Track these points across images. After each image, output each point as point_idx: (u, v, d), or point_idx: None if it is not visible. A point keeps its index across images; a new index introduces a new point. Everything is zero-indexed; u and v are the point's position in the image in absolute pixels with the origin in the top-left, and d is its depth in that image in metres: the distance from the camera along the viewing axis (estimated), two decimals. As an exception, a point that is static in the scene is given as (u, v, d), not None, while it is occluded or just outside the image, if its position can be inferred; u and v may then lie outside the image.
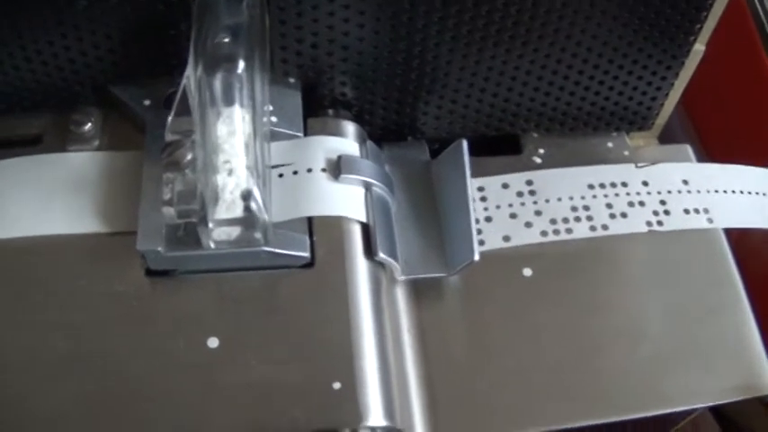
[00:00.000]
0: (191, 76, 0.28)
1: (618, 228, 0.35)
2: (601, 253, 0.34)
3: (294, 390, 0.28)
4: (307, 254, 0.30)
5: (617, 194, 0.35)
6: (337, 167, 0.31)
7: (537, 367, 0.32)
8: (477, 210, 0.34)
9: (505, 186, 0.35)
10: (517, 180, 0.35)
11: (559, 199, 0.35)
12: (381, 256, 0.30)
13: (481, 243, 0.34)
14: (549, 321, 0.33)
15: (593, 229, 0.35)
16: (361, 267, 0.30)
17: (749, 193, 0.38)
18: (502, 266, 0.33)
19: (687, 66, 0.35)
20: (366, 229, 0.31)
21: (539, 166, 0.36)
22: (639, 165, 0.36)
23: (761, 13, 0.45)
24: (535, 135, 0.37)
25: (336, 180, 0.31)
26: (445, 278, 0.32)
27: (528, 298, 0.33)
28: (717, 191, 0.37)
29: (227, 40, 0.28)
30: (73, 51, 0.32)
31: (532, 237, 0.34)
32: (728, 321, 0.34)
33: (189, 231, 0.29)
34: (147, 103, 0.33)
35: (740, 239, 0.37)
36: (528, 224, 0.34)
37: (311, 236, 0.30)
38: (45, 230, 0.31)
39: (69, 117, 0.33)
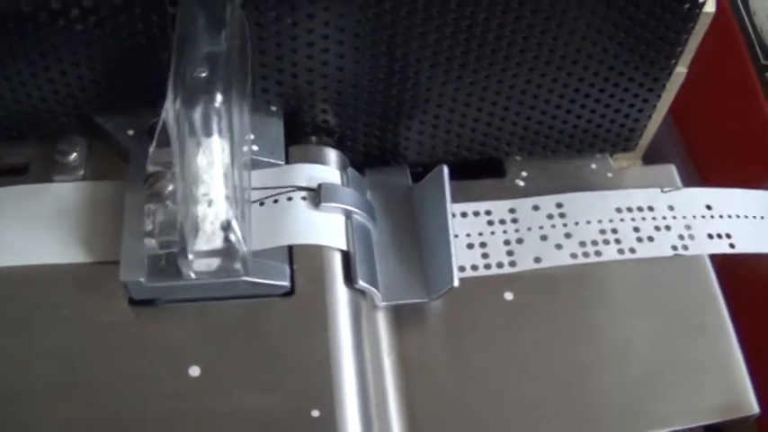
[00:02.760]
0: (169, 108, 0.29)
1: (645, 251, 0.35)
2: (582, 277, 0.34)
3: (273, 418, 0.28)
4: (286, 283, 0.30)
5: (644, 218, 0.36)
6: (318, 196, 0.31)
7: (521, 391, 0.32)
8: (508, 231, 0.35)
9: (536, 208, 0.36)
10: (547, 202, 0.36)
11: (588, 222, 0.36)
12: (361, 283, 0.31)
13: (512, 264, 0.34)
14: (532, 345, 0.33)
15: (621, 252, 0.35)
16: (341, 295, 0.31)
17: None
18: (483, 291, 0.33)
19: (669, 88, 0.36)
20: (346, 256, 0.31)
21: (522, 190, 0.36)
22: (665, 189, 0.37)
23: (749, 28, 0.45)
24: (518, 158, 0.37)
25: (317, 208, 0.31)
26: (426, 303, 0.33)
27: (510, 322, 0.33)
28: (738, 216, 0.37)
29: (204, 73, 0.28)
30: (57, 83, 0.33)
31: (563, 259, 0.35)
32: (713, 344, 0.34)
33: (170, 262, 0.30)
34: (130, 132, 0.33)
35: (724, 264, 0.37)
36: (558, 246, 0.35)
37: (291, 264, 0.31)
38: (30, 260, 0.31)
39: (55, 146, 0.34)
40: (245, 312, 0.30)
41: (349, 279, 0.31)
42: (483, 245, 0.35)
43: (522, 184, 0.36)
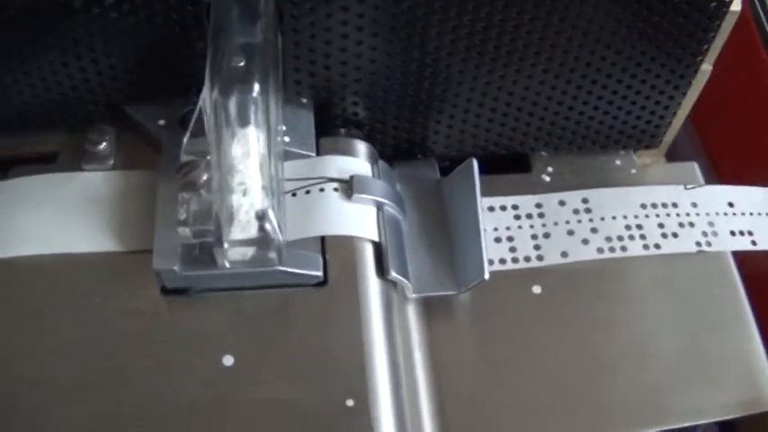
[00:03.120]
0: (206, 98, 0.29)
1: (669, 247, 0.36)
2: (608, 272, 0.35)
3: (308, 407, 0.28)
4: (320, 273, 0.30)
5: (668, 215, 0.36)
6: (350, 187, 0.31)
7: (546, 384, 0.32)
8: (535, 226, 0.35)
9: (562, 204, 0.36)
10: (573, 198, 0.36)
11: (614, 217, 0.36)
12: (393, 275, 0.31)
13: (539, 259, 0.35)
14: (559, 339, 0.33)
15: (646, 247, 0.36)
16: (372, 286, 0.31)
17: None
18: (512, 284, 0.34)
19: (694, 85, 0.36)
20: (378, 247, 0.31)
21: (548, 185, 0.36)
22: (688, 186, 0.38)
23: (765, 25, 0.45)
24: (544, 153, 0.37)
25: (349, 200, 0.31)
26: (456, 296, 0.33)
27: (537, 316, 0.33)
28: (760, 213, 0.38)
29: (242, 62, 0.29)
30: (89, 72, 0.33)
31: (589, 253, 0.35)
32: (734, 338, 0.35)
33: (204, 251, 0.30)
34: (161, 122, 0.33)
35: (745, 260, 0.37)
36: (585, 241, 0.35)
37: (324, 255, 0.31)
38: (62, 248, 0.31)
39: (85, 135, 0.34)
40: (279, 302, 0.30)
41: (381, 270, 0.31)
42: (510, 239, 0.35)
43: (547, 179, 0.37)
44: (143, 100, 0.34)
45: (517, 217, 0.36)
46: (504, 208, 0.36)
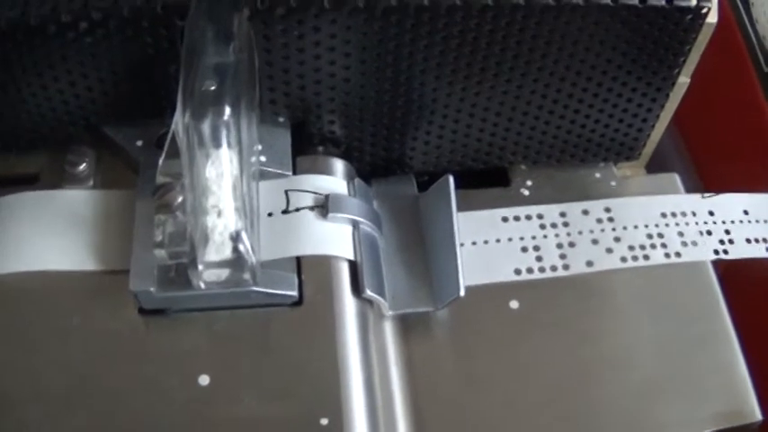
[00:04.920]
0: (179, 121, 0.29)
1: (690, 255, 0.36)
2: (586, 286, 0.35)
3: (282, 426, 0.29)
4: (295, 293, 0.30)
5: (687, 223, 0.37)
6: (325, 206, 0.32)
7: (526, 400, 0.32)
8: (560, 235, 0.36)
9: (585, 213, 0.36)
10: (596, 207, 0.37)
11: (636, 226, 0.36)
12: (368, 293, 0.31)
13: (566, 268, 0.35)
14: (538, 353, 0.33)
15: (667, 256, 0.36)
16: (348, 305, 0.31)
17: None
18: (489, 300, 0.34)
19: (672, 98, 0.36)
20: (354, 266, 0.32)
21: (527, 199, 0.36)
22: (705, 195, 0.38)
23: (752, 37, 0.45)
24: (523, 167, 0.37)
25: (324, 219, 0.32)
26: (433, 312, 0.33)
27: (516, 330, 0.33)
28: None
29: (213, 86, 0.29)
30: (66, 94, 0.33)
31: (613, 263, 0.35)
32: (715, 350, 0.35)
33: (180, 272, 0.30)
34: (139, 143, 0.33)
35: (726, 270, 0.37)
36: (609, 250, 0.36)
37: (299, 274, 0.31)
38: (41, 266, 0.32)
39: (65, 157, 0.34)
40: (254, 322, 0.30)
41: (356, 289, 0.31)
42: (536, 248, 0.35)
43: (526, 192, 0.37)
44: (121, 121, 0.34)
45: (542, 226, 0.36)
46: (529, 217, 0.36)
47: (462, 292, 0.32)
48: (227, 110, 0.28)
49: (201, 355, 0.30)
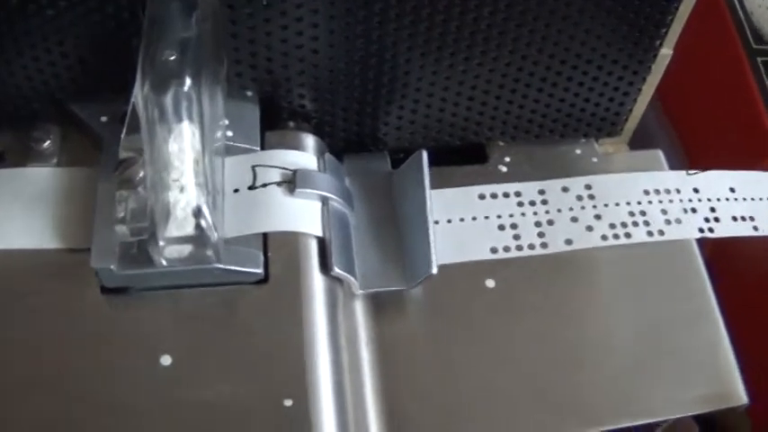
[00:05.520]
0: (138, 93, 0.28)
1: (674, 233, 0.35)
2: (565, 265, 0.34)
3: (245, 407, 0.28)
4: (260, 270, 0.30)
5: (671, 201, 0.36)
6: (293, 182, 0.31)
7: (500, 380, 0.31)
8: (539, 213, 0.35)
9: (565, 190, 0.36)
10: (576, 184, 0.36)
11: (617, 204, 0.35)
12: (337, 271, 0.30)
13: (544, 246, 0.34)
14: (513, 333, 0.32)
15: (650, 234, 0.35)
16: (316, 283, 0.30)
17: None
18: (464, 278, 0.33)
19: (654, 70, 0.35)
20: (322, 243, 0.31)
21: (505, 176, 0.35)
22: (690, 172, 0.37)
23: (740, 12, 0.44)
24: (501, 143, 0.36)
25: (292, 194, 0.31)
26: (406, 291, 0.32)
27: (491, 310, 0.32)
28: (761, 198, 0.37)
29: (173, 56, 0.28)
30: (30, 69, 0.32)
31: (594, 241, 0.35)
32: (701, 333, 0.34)
33: (142, 249, 0.29)
34: (103, 119, 0.33)
35: (712, 251, 0.36)
36: (589, 228, 0.35)
37: (266, 252, 0.30)
38: (3, 245, 0.31)
39: (30, 134, 0.33)
40: (219, 300, 0.29)
41: (325, 266, 0.30)
42: (514, 226, 0.35)
43: (504, 169, 0.36)
44: (86, 97, 0.33)
45: (520, 204, 0.35)
46: (506, 195, 0.35)
47: (435, 270, 0.31)
48: (188, 81, 0.27)
49: (164, 334, 0.29)
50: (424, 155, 0.33)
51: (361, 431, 0.29)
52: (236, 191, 0.31)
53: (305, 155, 0.32)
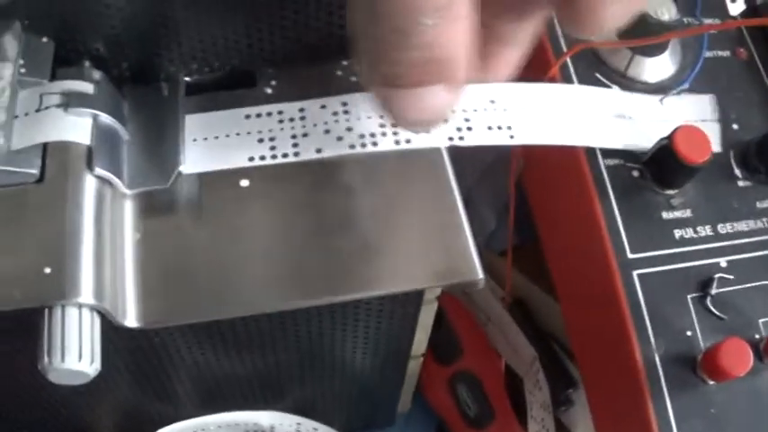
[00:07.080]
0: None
1: (420, 142, 0.39)
2: (313, 167, 0.39)
3: (10, 276, 0.34)
4: (36, 171, 0.37)
5: None
6: (67, 102, 0.38)
7: (245, 263, 0.37)
8: (296, 128, 0.39)
9: (323, 107, 0.40)
10: (333, 102, 0.40)
11: (369, 117, 0.40)
12: (98, 170, 0.37)
13: (296, 155, 0.39)
14: (260, 220, 0.38)
15: (397, 143, 0.39)
16: (85, 182, 0.37)
17: (549, 110, 0.41)
18: (220, 180, 0.39)
19: None
20: (90, 150, 0.37)
21: (270, 97, 0.41)
22: None
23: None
24: (270, 70, 0.42)
25: (66, 112, 0.38)
26: (171, 192, 0.38)
27: (242, 203, 0.39)
28: (522, 109, 0.41)
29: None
30: None
31: (341, 149, 0.39)
32: (439, 216, 0.39)
33: None
34: None
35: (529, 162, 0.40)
36: (339, 138, 0.39)
37: (44, 159, 0.37)
38: None
39: None
40: (1, 196, 0.36)
41: (91, 168, 0.37)
42: (272, 139, 0.40)
43: (269, 91, 0.41)
44: None
45: (281, 121, 0.40)
46: (269, 114, 0.40)
47: (183, 167, 0.38)
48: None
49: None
50: (182, 79, 0.40)
51: (115, 299, 0.35)
52: (26, 114, 0.38)
53: (84, 84, 0.39)
